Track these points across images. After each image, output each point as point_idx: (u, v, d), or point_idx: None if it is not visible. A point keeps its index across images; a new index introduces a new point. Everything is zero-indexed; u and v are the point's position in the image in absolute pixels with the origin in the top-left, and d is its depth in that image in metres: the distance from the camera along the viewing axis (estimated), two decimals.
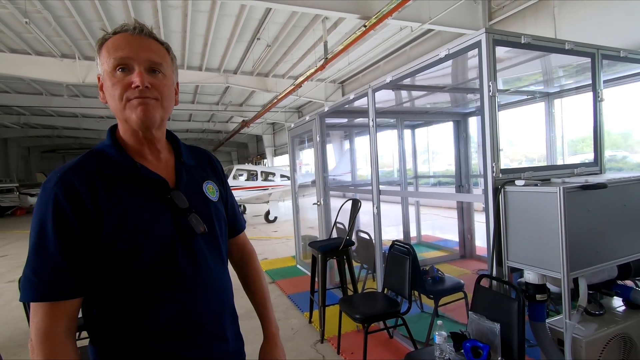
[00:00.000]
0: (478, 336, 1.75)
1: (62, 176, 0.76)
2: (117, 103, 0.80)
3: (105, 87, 0.82)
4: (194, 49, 8.36)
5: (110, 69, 0.79)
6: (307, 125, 4.27)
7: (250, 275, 1.13)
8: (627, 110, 5.10)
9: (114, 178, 0.80)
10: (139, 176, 0.83)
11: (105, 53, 0.80)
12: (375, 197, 2.94)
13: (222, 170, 1.08)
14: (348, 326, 3.06)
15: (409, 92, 3.65)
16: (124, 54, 0.79)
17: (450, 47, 2.07)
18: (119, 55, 0.79)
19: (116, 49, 0.79)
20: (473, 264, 4.66)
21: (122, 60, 0.79)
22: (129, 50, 0.79)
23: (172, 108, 0.89)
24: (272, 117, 15.67)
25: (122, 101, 0.80)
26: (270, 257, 5.92)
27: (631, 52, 2.32)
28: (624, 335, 1.81)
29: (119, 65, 0.79)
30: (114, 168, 0.81)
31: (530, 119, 5.02)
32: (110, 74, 0.80)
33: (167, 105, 0.86)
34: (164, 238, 0.82)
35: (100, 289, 0.79)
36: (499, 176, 1.88)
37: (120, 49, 0.79)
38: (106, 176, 0.80)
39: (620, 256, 1.83)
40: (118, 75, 0.79)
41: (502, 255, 1.90)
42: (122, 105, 0.80)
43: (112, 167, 0.81)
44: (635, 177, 1.91)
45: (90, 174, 0.79)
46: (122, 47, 0.79)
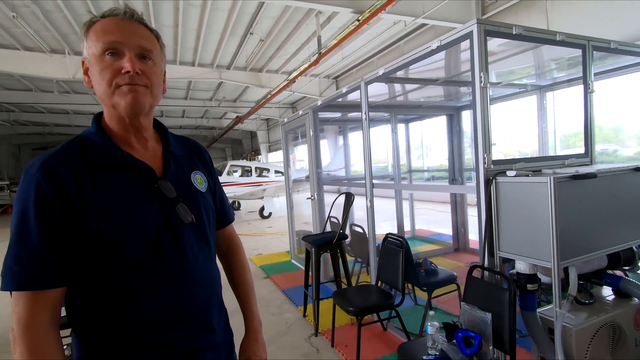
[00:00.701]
0: (470, 326, 1.76)
1: (44, 163, 0.74)
2: (105, 88, 0.78)
3: (92, 72, 0.80)
4: (186, 44, 8.27)
5: (99, 52, 0.77)
6: (301, 120, 4.25)
7: (236, 267, 1.12)
8: (618, 104, 5.15)
9: (99, 166, 0.78)
10: (126, 164, 0.81)
11: (94, 36, 0.78)
12: (368, 190, 2.94)
13: (211, 162, 1.06)
14: (342, 319, 3.07)
15: (402, 85, 3.65)
16: (114, 38, 0.77)
17: (442, 39, 2.06)
18: (108, 39, 0.77)
19: (105, 32, 0.77)
20: (466, 257, 4.70)
21: (112, 44, 0.77)
22: (119, 34, 0.77)
23: (160, 96, 0.88)
24: (267, 113, 15.60)
25: (111, 87, 0.78)
26: (264, 253, 5.91)
27: (621, 44, 2.33)
28: (613, 324, 1.84)
29: (108, 50, 0.77)
30: (99, 155, 0.79)
31: (522, 114, 5.05)
32: (99, 58, 0.77)
33: (156, 93, 0.84)
34: (150, 227, 0.80)
35: (84, 279, 0.77)
36: (490, 167, 1.89)
37: (110, 33, 0.77)
38: (91, 164, 0.78)
39: (610, 246, 1.85)
40: (107, 59, 0.77)
41: (494, 246, 1.91)
42: (111, 90, 0.78)
43: (97, 154, 0.79)
44: (625, 168, 1.93)
45: (74, 161, 0.76)
46: (112, 31, 0.77)
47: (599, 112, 2.35)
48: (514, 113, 5.51)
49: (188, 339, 0.85)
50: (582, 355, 1.74)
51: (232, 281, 1.12)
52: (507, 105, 4.40)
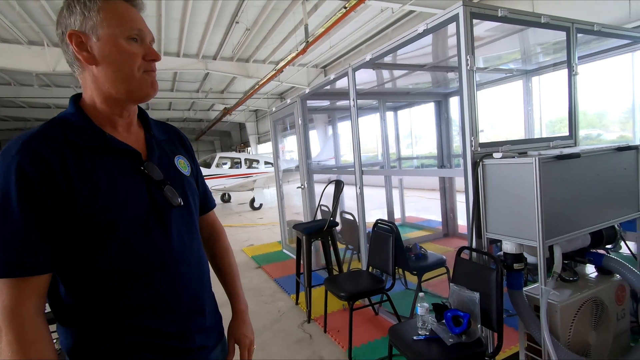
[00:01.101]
0: (459, 306, 1.80)
1: (24, 143, 0.71)
2: (129, 72, 0.78)
3: (107, 51, 0.77)
4: (170, 34, 8.08)
5: (125, 35, 0.78)
6: (289, 109, 4.22)
7: (219, 252, 1.12)
8: (601, 90, 5.25)
9: (82, 147, 0.76)
10: (110, 146, 0.79)
11: (116, 17, 0.77)
12: (357, 177, 2.95)
13: (192, 147, 1.06)
14: (334, 305, 3.10)
15: (390, 71, 3.64)
16: (140, 25, 0.80)
17: (428, 22, 2.05)
18: (137, 26, 0.79)
19: (132, 18, 0.79)
20: (456, 242, 4.78)
21: (139, 32, 0.80)
22: (141, 22, 0.81)
23: None
24: (255, 104, 15.43)
25: (139, 72, 0.80)
26: (256, 244, 5.91)
27: (604, 27, 2.36)
28: (596, 299, 1.89)
29: (134, 36, 0.79)
30: (83, 137, 0.77)
31: (509, 101, 5.10)
32: (125, 42, 0.78)
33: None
34: (139, 210, 0.79)
35: (70, 265, 0.75)
36: (477, 150, 1.90)
37: (134, 19, 0.79)
38: (74, 145, 0.75)
39: (593, 224, 1.90)
40: (135, 45, 0.79)
41: (482, 228, 1.94)
42: (137, 75, 0.79)
43: (80, 135, 0.77)
44: (608, 148, 1.97)
45: (56, 142, 0.74)
46: (134, 17, 0.80)
47: (584, 98, 2.38)
48: (501, 100, 5.56)
49: (179, 322, 0.85)
50: (567, 331, 1.80)
51: (217, 266, 1.11)
52: (494, 91, 4.44)
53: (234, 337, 1.04)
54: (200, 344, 0.89)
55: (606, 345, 1.95)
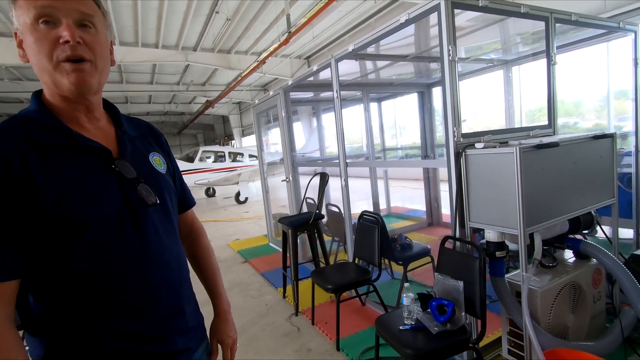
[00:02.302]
0: (443, 295, 1.83)
1: None
2: (44, 62, 0.70)
3: (27, 43, 0.71)
4: (148, 25, 7.81)
5: (32, 20, 0.68)
6: (272, 101, 4.16)
7: (199, 252, 1.09)
8: (579, 79, 5.37)
9: (46, 146, 0.71)
10: (78, 144, 0.74)
11: (23, 2, 0.69)
12: (342, 169, 2.94)
13: (167, 143, 1.01)
14: (321, 298, 3.11)
15: (373, 62, 3.63)
16: (47, 2, 0.68)
17: (410, 12, 2.04)
18: (40, 3, 0.68)
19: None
20: (440, 231, 4.86)
21: (45, 10, 0.68)
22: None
23: (108, 69, 0.80)
24: (238, 96, 15.18)
25: (52, 61, 0.69)
26: (242, 238, 5.87)
27: (582, 16, 2.40)
28: (574, 283, 1.96)
29: (42, 17, 0.68)
30: (46, 135, 0.72)
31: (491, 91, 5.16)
32: (32, 28, 0.69)
33: (102, 66, 0.76)
34: (111, 210, 0.75)
35: (40, 271, 0.71)
36: (460, 140, 1.92)
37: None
38: (37, 143, 0.70)
39: (571, 211, 1.95)
40: (42, 28, 0.68)
41: (465, 217, 1.96)
42: (52, 66, 0.70)
43: (43, 133, 0.71)
44: (585, 136, 2.01)
45: (17, 141, 0.69)
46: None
47: (562, 88, 2.42)
48: (483, 90, 5.63)
49: (159, 325, 0.82)
50: (546, 315, 1.86)
51: (197, 266, 1.09)
52: (476, 81, 4.48)
53: (216, 336, 1.02)
54: (183, 347, 0.87)
55: (583, 327, 2.03)
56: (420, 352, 1.58)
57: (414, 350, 1.59)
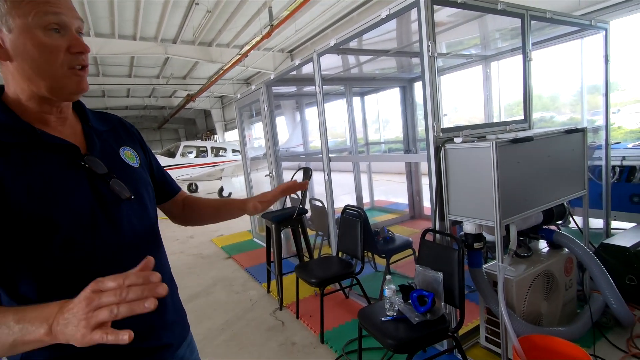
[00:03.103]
0: (424, 286, 1.87)
1: None
2: (54, 68, 0.70)
3: (25, 45, 0.68)
4: (125, 16, 7.57)
5: (43, 26, 0.68)
6: (254, 95, 4.12)
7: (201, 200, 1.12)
8: (555, 74, 5.53)
9: (8, 145, 0.69)
10: (43, 142, 0.72)
11: (26, 4, 0.67)
12: (325, 164, 2.95)
13: (140, 135, 1.00)
14: (306, 292, 3.14)
15: (355, 57, 3.63)
16: (59, 11, 0.69)
17: (390, 7, 2.05)
18: (54, 10, 0.69)
19: (46, 2, 0.68)
20: (422, 224, 4.95)
21: (59, 18, 0.69)
22: (62, 7, 0.70)
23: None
24: (220, 90, 14.94)
25: (63, 68, 0.71)
26: (225, 233, 5.83)
27: (556, 14, 2.47)
28: (547, 272, 2.04)
29: (54, 25, 0.69)
30: (7, 134, 0.70)
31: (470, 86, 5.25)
32: (42, 34, 0.68)
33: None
34: (82, 207, 0.74)
35: (12, 272, 0.69)
36: (440, 135, 1.96)
37: (51, 4, 0.69)
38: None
39: (545, 202, 2.03)
40: (54, 36, 0.70)
41: (444, 210, 2.01)
42: (60, 72, 0.71)
43: (3, 132, 0.70)
44: (558, 130, 2.09)
45: None
46: (52, 2, 0.69)
47: (539, 82, 2.49)
48: (463, 84, 5.73)
49: (141, 320, 0.81)
50: (522, 302, 1.93)
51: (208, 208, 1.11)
52: (457, 76, 4.56)
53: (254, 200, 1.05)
54: (166, 342, 0.87)
55: (556, 313, 2.12)
56: (401, 341, 1.62)
57: (395, 340, 1.63)
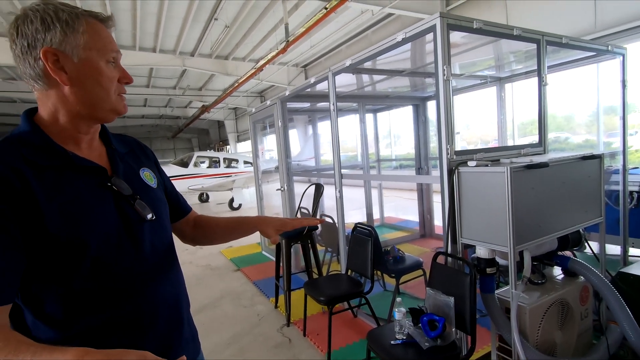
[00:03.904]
0: (434, 310, 1.85)
1: None
2: (106, 95, 0.79)
3: (90, 74, 0.76)
4: (146, 29, 7.84)
5: (105, 59, 0.78)
6: (269, 110, 4.19)
7: (212, 221, 1.13)
8: (570, 95, 5.49)
9: (43, 167, 0.73)
10: (74, 164, 0.76)
11: (99, 39, 0.77)
12: (337, 181, 2.97)
13: (155, 156, 1.05)
14: (313, 309, 3.12)
15: (369, 76, 3.68)
16: (116, 48, 0.81)
17: (407, 31, 2.09)
18: (115, 48, 0.81)
19: (110, 41, 0.80)
20: (432, 243, 4.89)
21: (116, 55, 0.81)
22: (116, 45, 0.82)
23: None
24: (234, 102, 15.21)
25: (115, 94, 0.81)
26: (235, 245, 5.84)
27: (572, 39, 2.47)
28: (562, 301, 1.99)
29: (112, 59, 0.80)
30: (42, 156, 0.73)
31: (484, 104, 5.25)
32: (103, 65, 0.78)
33: None
34: (110, 228, 0.77)
35: (39, 290, 0.72)
36: (453, 158, 1.96)
37: (112, 42, 0.81)
38: (34, 164, 0.71)
39: (560, 229, 1.99)
40: (111, 68, 0.80)
41: (457, 233, 2.00)
42: (113, 96, 0.81)
43: (39, 155, 0.73)
44: (573, 156, 2.07)
45: (14, 161, 0.70)
46: (111, 40, 0.81)
47: (553, 101, 2.49)
48: (477, 103, 5.73)
49: (160, 337, 0.84)
50: (535, 331, 1.88)
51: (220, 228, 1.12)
52: (470, 95, 4.57)
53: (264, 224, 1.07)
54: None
55: (571, 344, 2.06)
56: None
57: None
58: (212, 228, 1.12)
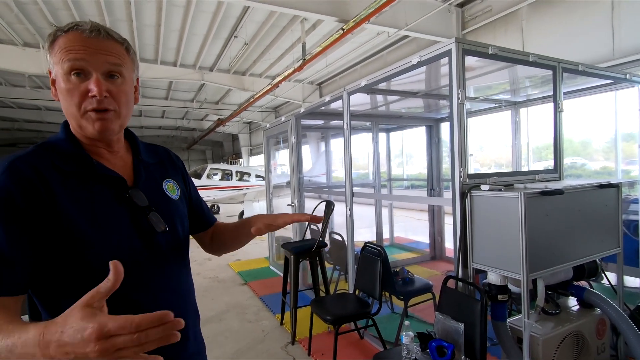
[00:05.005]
0: (443, 336, 1.80)
1: (10, 164, 0.71)
2: (73, 110, 0.77)
3: (59, 89, 0.78)
4: (169, 44, 8.12)
5: (65, 71, 0.75)
6: (283, 126, 4.26)
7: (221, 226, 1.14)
8: (587, 120, 5.43)
9: (68, 173, 0.77)
10: (96, 173, 0.80)
11: (59, 53, 0.75)
12: (348, 199, 2.97)
13: (184, 167, 1.06)
14: (319, 327, 3.07)
15: (383, 96, 3.72)
16: (79, 56, 0.74)
17: (422, 55, 2.12)
18: (73, 57, 0.74)
19: (69, 50, 0.74)
20: (442, 266, 4.80)
21: (77, 63, 0.74)
22: (84, 53, 0.74)
23: (131, 113, 0.87)
24: (249, 116, 15.47)
25: (80, 110, 0.76)
26: (243, 259, 5.84)
27: (588, 67, 2.47)
28: (577, 333, 1.92)
29: (74, 70, 0.74)
30: (69, 163, 0.77)
31: (498, 126, 5.22)
32: (65, 78, 0.75)
33: (125, 113, 0.83)
34: (121, 237, 0.79)
35: (55, 290, 0.75)
36: (466, 181, 1.95)
37: (74, 51, 0.74)
38: (60, 170, 0.76)
39: (575, 258, 1.94)
40: (73, 80, 0.75)
41: (468, 258, 1.96)
42: (80, 114, 0.77)
43: (66, 161, 0.77)
44: (590, 184, 2.03)
45: (42, 165, 0.74)
46: (77, 49, 0.74)
47: (570, 126, 2.46)
48: (491, 126, 5.71)
49: (162, 352, 0.84)
50: None
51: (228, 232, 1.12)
52: (484, 118, 4.56)
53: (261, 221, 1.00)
54: None
55: None
56: None
57: None
58: (224, 233, 1.13)
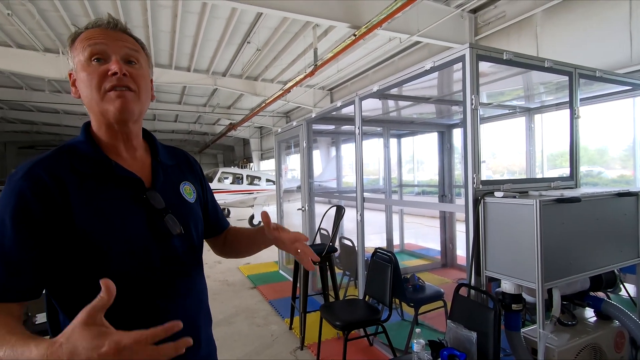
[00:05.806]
0: (455, 344, 1.77)
1: (29, 170, 0.73)
2: (93, 94, 0.78)
3: (80, 79, 0.80)
4: (183, 50, 8.28)
5: (85, 58, 0.78)
6: (294, 131, 4.28)
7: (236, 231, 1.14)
8: (603, 127, 5.32)
9: (87, 175, 0.78)
10: (114, 174, 0.81)
11: (79, 45, 0.80)
12: (359, 205, 2.96)
13: (201, 171, 1.07)
14: (329, 333, 3.05)
15: (395, 101, 3.71)
16: (100, 41, 0.79)
17: (435, 60, 2.12)
18: (94, 42, 0.79)
19: (90, 39, 0.79)
20: (454, 273, 4.73)
21: (98, 48, 0.78)
22: (104, 39, 0.79)
23: (149, 102, 0.88)
24: (260, 121, 15.61)
25: (100, 92, 0.78)
26: (252, 262, 5.86)
27: (606, 73, 2.42)
28: (595, 345, 1.87)
29: (94, 55, 0.78)
30: (88, 165, 0.79)
31: (512, 133, 5.14)
32: (85, 64, 0.79)
33: (144, 98, 0.84)
34: (137, 239, 0.80)
35: (70, 292, 0.76)
36: (479, 187, 1.92)
37: (94, 38, 0.79)
38: (78, 173, 0.77)
39: (593, 268, 1.89)
40: (94, 65, 0.78)
41: (481, 265, 1.93)
42: (100, 96, 0.78)
43: (85, 164, 0.79)
44: (607, 192, 1.98)
45: (61, 169, 0.76)
46: (97, 37, 0.79)
47: (585, 133, 2.41)
48: (504, 132, 5.63)
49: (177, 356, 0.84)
50: None
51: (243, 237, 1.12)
52: (497, 125, 4.50)
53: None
54: None
55: None
56: None
57: None
58: (238, 240, 1.13)
